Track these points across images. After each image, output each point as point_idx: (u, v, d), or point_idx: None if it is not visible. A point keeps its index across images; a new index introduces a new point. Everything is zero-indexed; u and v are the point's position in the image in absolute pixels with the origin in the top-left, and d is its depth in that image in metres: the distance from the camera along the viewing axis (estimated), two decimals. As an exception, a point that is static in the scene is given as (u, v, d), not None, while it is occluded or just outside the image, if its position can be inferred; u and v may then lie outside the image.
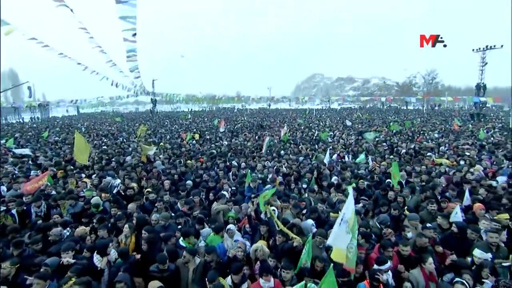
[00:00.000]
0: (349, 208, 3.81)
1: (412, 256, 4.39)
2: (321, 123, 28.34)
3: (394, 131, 20.24)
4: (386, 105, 63.26)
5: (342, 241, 3.72)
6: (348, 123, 26.60)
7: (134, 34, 12.77)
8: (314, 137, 17.65)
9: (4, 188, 7.72)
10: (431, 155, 11.61)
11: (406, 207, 6.28)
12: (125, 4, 9.63)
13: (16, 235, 4.95)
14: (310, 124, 26.72)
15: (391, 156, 11.50)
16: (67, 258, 4.09)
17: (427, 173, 8.90)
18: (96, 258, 4.21)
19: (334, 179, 8.55)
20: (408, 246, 4.46)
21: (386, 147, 13.64)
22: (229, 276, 3.95)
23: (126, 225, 5.00)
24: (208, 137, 18.46)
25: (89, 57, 21.58)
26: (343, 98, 77.10)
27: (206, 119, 36.08)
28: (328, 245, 4.28)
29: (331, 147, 12.96)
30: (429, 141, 15.81)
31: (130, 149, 14.07)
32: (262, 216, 5.71)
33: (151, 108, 50.02)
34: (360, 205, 6.36)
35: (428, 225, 5.35)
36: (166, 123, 32.39)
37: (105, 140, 18.39)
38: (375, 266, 3.93)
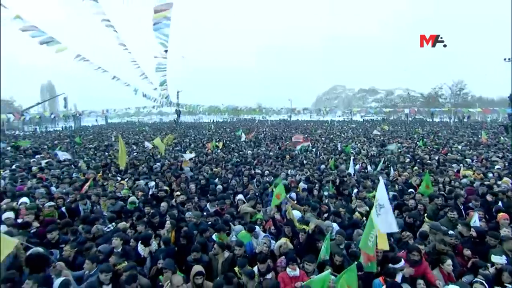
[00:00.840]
0: (383, 195, 4.17)
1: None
2: (342, 135, 28.33)
3: (417, 143, 19.98)
4: (411, 117, 61.70)
5: (390, 226, 4.09)
6: (376, 132, 26.36)
7: (166, 51, 13.89)
8: (335, 148, 17.80)
9: (53, 188, 8.69)
10: (455, 166, 11.49)
11: (425, 214, 6.45)
12: (161, 27, 10.59)
13: (69, 227, 5.66)
14: (331, 136, 26.79)
15: (414, 168, 11.46)
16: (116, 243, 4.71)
17: (450, 183, 8.89)
18: (141, 247, 4.78)
19: (355, 187, 8.79)
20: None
21: (409, 159, 13.61)
22: (256, 266, 4.37)
23: (168, 222, 5.60)
24: (232, 146, 19.19)
25: (121, 70, 23.26)
26: (365, 110, 76.08)
27: (228, 130, 37.05)
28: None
29: (353, 158, 13.12)
30: (455, 153, 15.51)
31: (159, 156, 14.94)
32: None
33: (175, 118, 51.88)
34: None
35: (450, 232, 5.49)
36: (189, 132, 33.61)
37: (135, 147, 19.60)
38: (390, 265, 4.18)
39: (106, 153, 16.68)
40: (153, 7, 8.74)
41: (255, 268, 4.33)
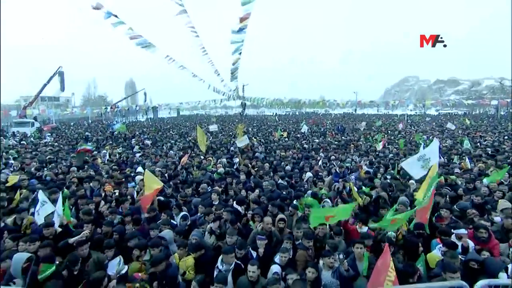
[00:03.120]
0: (434, 153, 4.77)
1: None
2: (413, 128, 26.82)
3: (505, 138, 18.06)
4: (504, 111, 53.27)
5: (415, 171, 4.71)
6: (450, 126, 24.41)
7: (240, 53, 15.72)
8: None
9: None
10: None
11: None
12: (238, 33, 12.14)
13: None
14: (399, 129, 25.61)
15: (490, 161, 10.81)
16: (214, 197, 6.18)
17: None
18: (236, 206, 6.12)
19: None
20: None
21: (490, 151, 12.73)
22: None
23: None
24: (297, 135, 20.21)
25: (197, 67, 26.14)
26: (440, 102, 68.43)
27: (291, 121, 37.97)
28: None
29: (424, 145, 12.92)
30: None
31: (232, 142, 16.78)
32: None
33: (241, 111, 54.66)
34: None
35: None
36: (255, 123, 35.56)
37: (209, 135, 22.09)
38: (453, 230, 4.62)
39: (188, 138, 19.30)
40: (239, 16, 10.10)
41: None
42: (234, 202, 6.20)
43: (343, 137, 19.18)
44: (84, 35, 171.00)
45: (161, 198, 6.46)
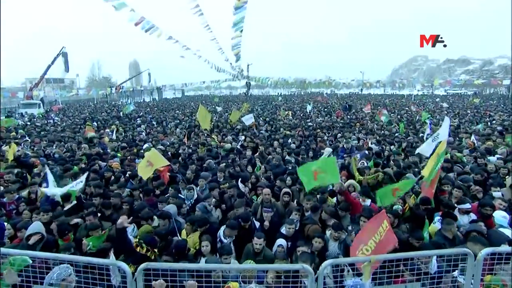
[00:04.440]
0: (443, 131, 4.81)
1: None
2: (420, 107, 26.43)
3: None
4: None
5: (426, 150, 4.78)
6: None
7: (241, 30, 15.34)
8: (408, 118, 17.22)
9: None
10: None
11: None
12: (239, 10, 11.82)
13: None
14: (406, 108, 25.31)
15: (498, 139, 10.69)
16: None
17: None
18: (241, 185, 6.18)
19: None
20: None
21: (498, 131, 12.54)
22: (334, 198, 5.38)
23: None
24: (301, 115, 20.09)
25: (201, 47, 25.74)
26: (449, 82, 66.66)
27: (296, 101, 37.62)
28: None
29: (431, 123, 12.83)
30: None
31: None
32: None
33: (246, 91, 54.17)
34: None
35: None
36: (259, 103, 35.34)
37: (214, 114, 22.09)
38: (458, 204, 4.66)
39: (193, 117, 19.27)
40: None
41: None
42: (239, 181, 6.27)
43: (348, 116, 19.05)
44: (87, 15, 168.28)
45: (168, 173, 6.55)
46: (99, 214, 4.35)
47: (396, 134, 11.73)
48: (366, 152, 8.34)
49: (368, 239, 3.23)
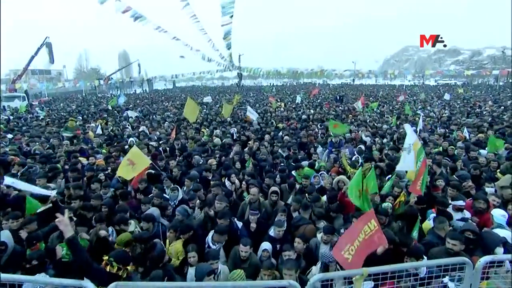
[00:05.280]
0: (411, 137, 4.75)
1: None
2: (411, 98, 26.48)
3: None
4: (503, 81, 52.48)
5: (408, 165, 4.71)
6: (447, 96, 24.05)
7: (231, 16, 14.82)
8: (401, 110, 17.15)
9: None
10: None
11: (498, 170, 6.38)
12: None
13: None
14: (398, 99, 25.27)
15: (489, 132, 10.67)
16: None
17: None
18: (228, 183, 5.94)
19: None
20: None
21: (488, 122, 12.57)
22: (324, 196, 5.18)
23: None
24: (293, 106, 19.85)
25: (190, 37, 25.05)
26: (440, 72, 67.14)
27: (288, 92, 37.29)
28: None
29: (423, 117, 12.73)
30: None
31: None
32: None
33: (238, 82, 53.53)
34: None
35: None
36: (251, 94, 34.92)
37: (204, 106, 21.64)
38: (452, 201, 4.55)
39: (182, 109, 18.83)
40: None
41: (324, 197, 5.11)
42: (226, 179, 6.04)
43: (340, 108, 18.90)
44: (73, 4, 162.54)
45: (151, 171, 6.25)
46: (74, 219, 4.06)
47: (385, 126, 11.59)
48: (354, 147, 8.14)
49: (354, 239, 3.06)
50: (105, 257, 2.71)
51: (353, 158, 7.07)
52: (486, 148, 7.98)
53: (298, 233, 3.99)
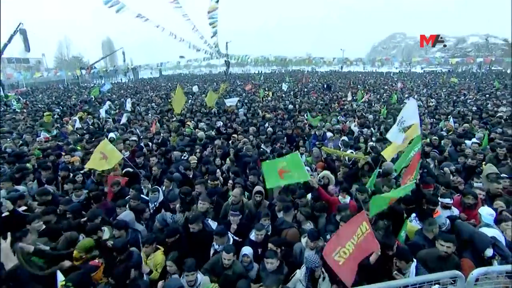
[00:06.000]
0: (410, 114, 4.56)
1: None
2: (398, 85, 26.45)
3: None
4: (485, 69, 53.43)
5: (396, 137, 4.63)
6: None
7: (217, 1, 14.19)
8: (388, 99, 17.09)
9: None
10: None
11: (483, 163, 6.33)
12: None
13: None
14: (385, 87, 25.31)
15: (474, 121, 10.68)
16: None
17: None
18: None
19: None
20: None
21: (473, 111, 12.62)
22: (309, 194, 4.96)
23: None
24: (281, 95, 19.53)
25: (174, 24, 24.09)
26: (427, 60, 67.67)
27: (277, 80, 36.82)
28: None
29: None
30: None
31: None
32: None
33: (225, 69, 52.53)
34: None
35: (503, 175, 5.44)
36: (238, 82, 34.31)
37: (190, 96, 21.06)
38: (439, 198, 4.41)
39: (169, 100, 18.20)
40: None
41: (309, 196, 4.90)
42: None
43: (327, 96, 18.72)
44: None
45: (129, 169, 5.92)
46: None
47: (371, 117, 11.44)
48: (339, 141, 7.93)
49: (345, 241, 2.97)
50: (61, 282, 2.43)
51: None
52: (473, 139, 7.97)
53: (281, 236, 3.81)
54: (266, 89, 23.23)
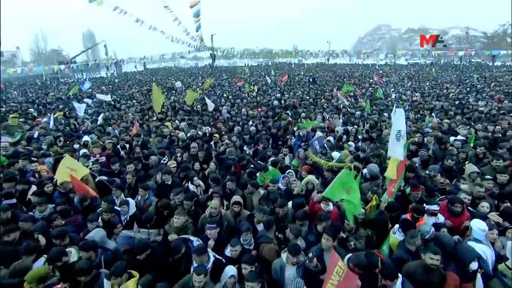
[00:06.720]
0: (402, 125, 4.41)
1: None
2: (383, 79, 26.62)
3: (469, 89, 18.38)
4: (466, 61, 54.66)
5: (397, 152, 4.36)
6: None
7: None
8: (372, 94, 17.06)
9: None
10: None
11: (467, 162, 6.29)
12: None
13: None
14: (371, 80, 25.34)
15: (457, 117, 10.73)
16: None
17: (503, 133, 8.23)
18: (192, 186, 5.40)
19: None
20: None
21: (456, 106, 12.71)
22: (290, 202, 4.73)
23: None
24: (268, 89, 19.20)
25: (156, 17, 23.18)
26: (411, 52, 68.61)
27: (263, 73, 36.36)
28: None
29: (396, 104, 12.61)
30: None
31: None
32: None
33: (210, 63, 51.61)
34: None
35: (487, 176, 5.41)
36: (225, 76, 33.72)
37: (173, 92, 20.43)
38: (426, 205, 4.21)
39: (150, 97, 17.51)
40: None
41: (290, 203, 4.63)
42: (189, 182, 5.47)
43: (313, 90, 18.53)
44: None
45: (104, 177, 5.55)
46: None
47: (358, 113, 11.34)
48: (324, 140, 7.71)
49: (326, 282, 2.83)
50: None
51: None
52: (458, 136, 7.95)
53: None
54: (252, 83, 22.80)
